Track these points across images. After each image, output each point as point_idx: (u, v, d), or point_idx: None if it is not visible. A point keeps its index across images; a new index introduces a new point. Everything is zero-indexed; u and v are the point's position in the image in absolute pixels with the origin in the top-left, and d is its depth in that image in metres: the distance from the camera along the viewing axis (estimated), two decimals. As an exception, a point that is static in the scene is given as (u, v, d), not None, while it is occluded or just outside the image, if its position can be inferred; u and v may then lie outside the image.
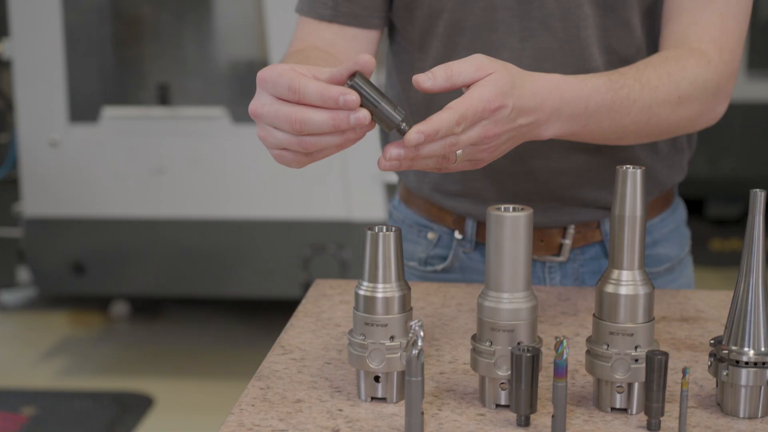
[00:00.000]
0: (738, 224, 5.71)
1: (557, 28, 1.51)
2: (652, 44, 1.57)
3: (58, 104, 4.55)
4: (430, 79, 1.19)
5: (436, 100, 1.58)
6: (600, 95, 1.34)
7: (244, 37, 4.95)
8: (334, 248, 4.46)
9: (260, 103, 1.19)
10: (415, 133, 1.14)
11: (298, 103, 1.15)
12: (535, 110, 1.26)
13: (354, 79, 1.14)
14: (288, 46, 1.61)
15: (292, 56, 1.49)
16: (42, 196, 4.66)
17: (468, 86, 1.20)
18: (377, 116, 1.14)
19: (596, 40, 1.52)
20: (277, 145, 1.20)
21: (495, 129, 1.21)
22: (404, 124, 1.15)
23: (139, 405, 4.14)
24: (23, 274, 5.19)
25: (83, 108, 4.59)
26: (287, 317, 1.53)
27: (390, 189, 4.31)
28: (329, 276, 4.43)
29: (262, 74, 1.18)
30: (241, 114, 4.48)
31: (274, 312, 4.86)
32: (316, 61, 1.45)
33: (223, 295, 4.79)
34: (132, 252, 4.68)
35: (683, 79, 1.43)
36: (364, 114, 1.13)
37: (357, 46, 1.57)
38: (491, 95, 1.19)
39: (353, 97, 1.13)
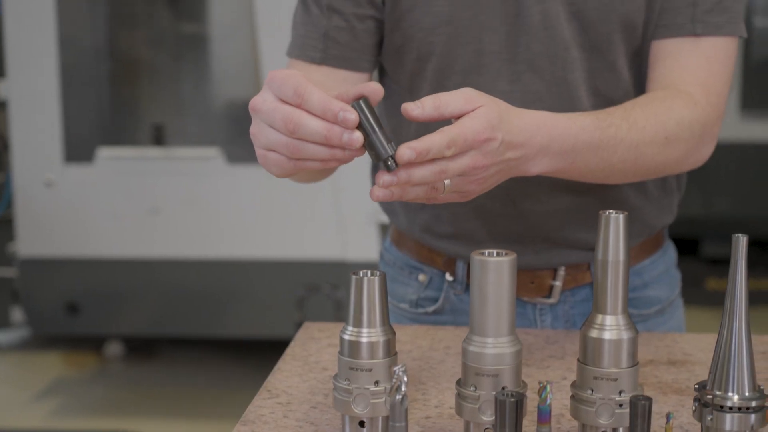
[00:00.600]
0: (733, 263, 5.70)
1: (545, 71, 1.53)
2: (640, 87, 1.58)
3: (53, 144, 4.56)
4: (418, 108, 1.21)
5: None
6: (587, 133, 1.36)
7: (240, 77, 4.97)
8: (328, 288, 4.45)
9: (262, 99, 1.21)
10: (407, 149, 1.16)
11: (299, 107, 1.17)
12: (524, 145, 1.28)
13: (359, 101, 1.16)
14: None
15: None
16: (37, 236, 4.66)
17: (457, 118, 1.22)
18: (369, 143, 1.15)
19: (584, 82, 1.54)
20: (266, 145, 1.22)
21: (484, 160, 1.22)
22: (392, 161, 1.16)
23: (132, 446, 4.12)
24: (17, 314, 5.18)
25: (78, 148, 4.60)
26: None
27: (384, 229, 4.31)
28: (324, 316, 4.42)
29: (272, 73, 1.21)
30: (236, 154, 4.49)
31: (268, 352, 4.83)
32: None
33: (217, 335, 4.78)
34: (126, 292, 4.68)
35: (670, 119, 1.45)
36: (357, 136, 1.15)
37: (348, 88, 1.58)
38: (481, 127, 1.21)
39: (352, 116, 1.14)
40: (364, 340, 1.16)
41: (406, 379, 1.07)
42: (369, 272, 1.17)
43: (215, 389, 4.73)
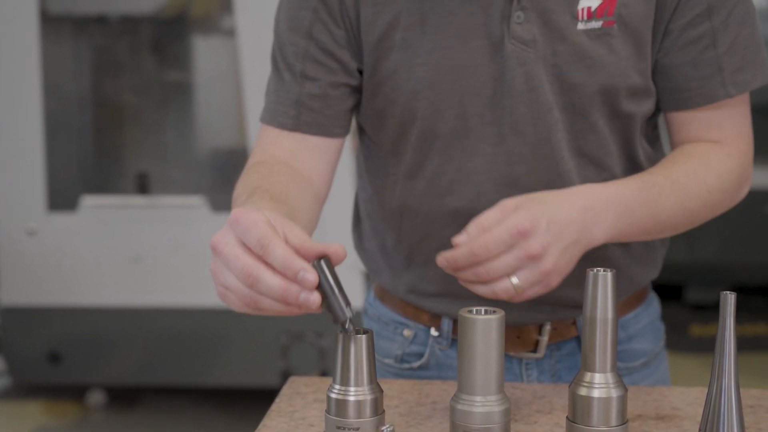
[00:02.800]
0: (718, 310, 5.70)
1: (528, 134, 1.53)
2: (622, 145, 1.59)
3: (36, 193, 4.54)
4: (464, 236, 1.31)
5: (409, 208, 1.60)
6: (635, 192, 1.44)
7: (224, 126, 4.98)
8: (312, 336, 4.44)
9: (224, 241, 1.20)
10: (440, 257, 1.26)
11: (260, 258, 1.16)
12: (574, 220, 1.36)
13: (320, 261, 1.15)
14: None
15: (254, 169, 1.52)
16: (19, 285, 4.63)
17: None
18: (327, 304, 1.15)
19: (566, 143, 1.55)
20: (224, 285, 1.21)
21: (537, 246, 1.30)
22: (349, 323, 1.15)
23: (115, 497, 4.07)
24: (-2, 363, 5.14)
25: (62, 197, 4.59)
26: (265, 406, 1.51)
27: (368, 277, 4.30)
28: (308, 364, 4.40)
29: (237, 216, 1.19)
30: (220, 203, 4.48)
31: (252, 401, 4.81)
32: (278, 176, 1.47)
33: (201, 383, 4.75)
34: (109, 340, 4.64)
35: (708, 174, 1.53)
36: (314, 297, 1.15)
37: (319, 156, 1.58)
38: (516, 221, 1.30)
39: (312, 277, 1.14)
40: (351, 398, 1.16)
41: (394, 439, 1.07)
42: (356, 330, 1.16)
43: (199, 438, 4.70)
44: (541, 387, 1.60)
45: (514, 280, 1.30)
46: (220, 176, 4.82)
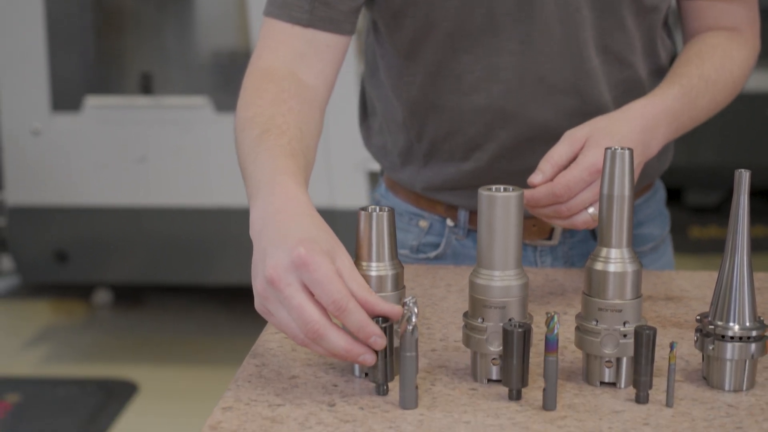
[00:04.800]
0: (717, 212, 5.76)
1: (556, 32, 1.54)
2: (645, 39, 1.61)
3: (40, 93, 4.55)
4: (539, 175, 1.37)
5: (432, 105, 1.60)
6: (679, 101, 1.51)
7: (227, 26, 4.95)
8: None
9: (286, 281, 1.11)
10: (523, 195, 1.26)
11: (327, 314, 1.11)
12: (636, 143, 1.42)
13: (390, 326, 1.13)
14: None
15: (263, 86, 1.46)
16: (24, 185, 4.66)
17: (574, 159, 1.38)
18: (376, 365, 1.14)
19: (593, 41, 1.56)
20: (274, 315, 1.14)
21: None
22: (384, 387, 1.15)
23: (124, 392, 4.15)
24: (6, 262, 5.19)
25: (66, 97, 4.59)
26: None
27: (373, 177, 4.33)
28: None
29: (305, 259, 1.10)
30: (223, 103, 4.48)
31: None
32: (289, 101, 1.42)
33: (205, 282, 4.81)
34: (114, 240, 4.69)
35: (733, 66, 1.62)
36: (372, 358, 1.13)
37: (327, 56, 1.52)
38: (593, 159, 1.35)
39: (383, 343, 1.12)
40: (372, 273, 1.18)
41: (416, 310, 1.10)
42: (377, 208, 1.19)
43: (203, 336, 4.77)
44: (553, 271, 1.64)
45: (591, 210, 1.37)
46: (224, 77, 4.81)
